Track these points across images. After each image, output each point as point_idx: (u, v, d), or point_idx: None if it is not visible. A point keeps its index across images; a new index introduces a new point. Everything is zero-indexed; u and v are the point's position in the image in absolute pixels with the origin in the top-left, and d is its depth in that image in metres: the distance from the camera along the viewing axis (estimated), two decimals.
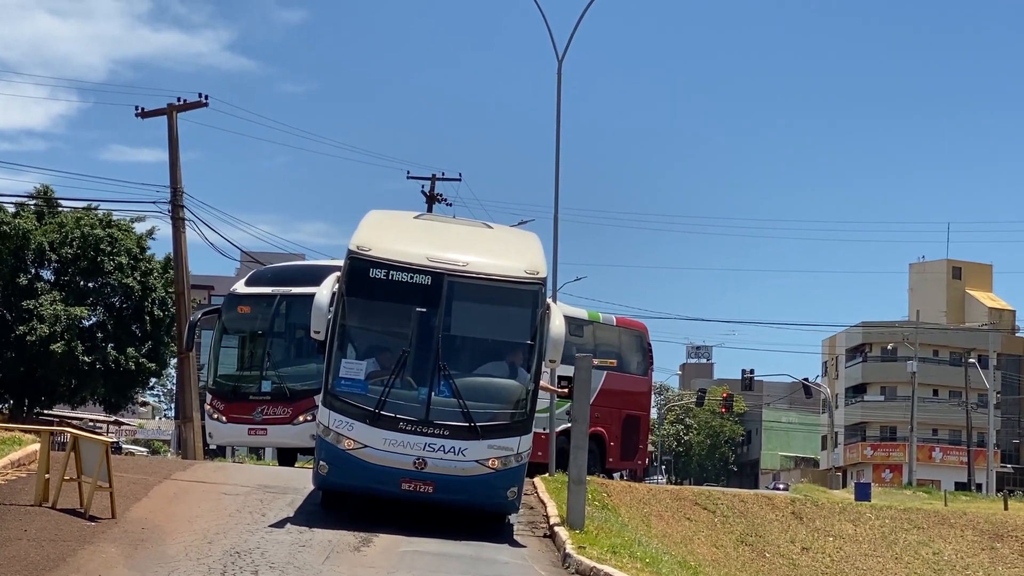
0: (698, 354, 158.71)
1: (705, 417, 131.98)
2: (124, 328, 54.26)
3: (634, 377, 35.65)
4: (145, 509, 19.14)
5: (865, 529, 35.36)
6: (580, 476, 20.74)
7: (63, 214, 54.29)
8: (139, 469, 23.35)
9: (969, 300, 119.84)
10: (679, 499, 33.12)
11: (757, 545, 32.27)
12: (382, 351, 19.48)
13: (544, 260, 20.69)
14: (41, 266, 54.15)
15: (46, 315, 50.91)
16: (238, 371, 29.88)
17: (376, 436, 18.85)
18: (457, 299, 19.40)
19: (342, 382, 19.12)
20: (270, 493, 21.53)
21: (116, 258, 53.18)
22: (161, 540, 16.95)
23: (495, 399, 19.39)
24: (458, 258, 19.59)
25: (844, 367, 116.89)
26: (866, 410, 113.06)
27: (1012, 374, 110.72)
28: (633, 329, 36.77)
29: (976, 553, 35.85)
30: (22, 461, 21.33)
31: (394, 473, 18.88)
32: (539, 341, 19.36)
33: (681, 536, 29.98)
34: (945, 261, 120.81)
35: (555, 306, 20.15)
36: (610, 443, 34.02)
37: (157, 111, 42.95)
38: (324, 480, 19.46)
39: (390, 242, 19.75)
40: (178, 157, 42.35)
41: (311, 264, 32.91)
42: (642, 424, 36.92)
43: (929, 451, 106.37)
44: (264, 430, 28.48)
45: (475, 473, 19.00)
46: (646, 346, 36.69)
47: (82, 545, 16.14)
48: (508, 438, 19.16)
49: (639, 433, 36.42)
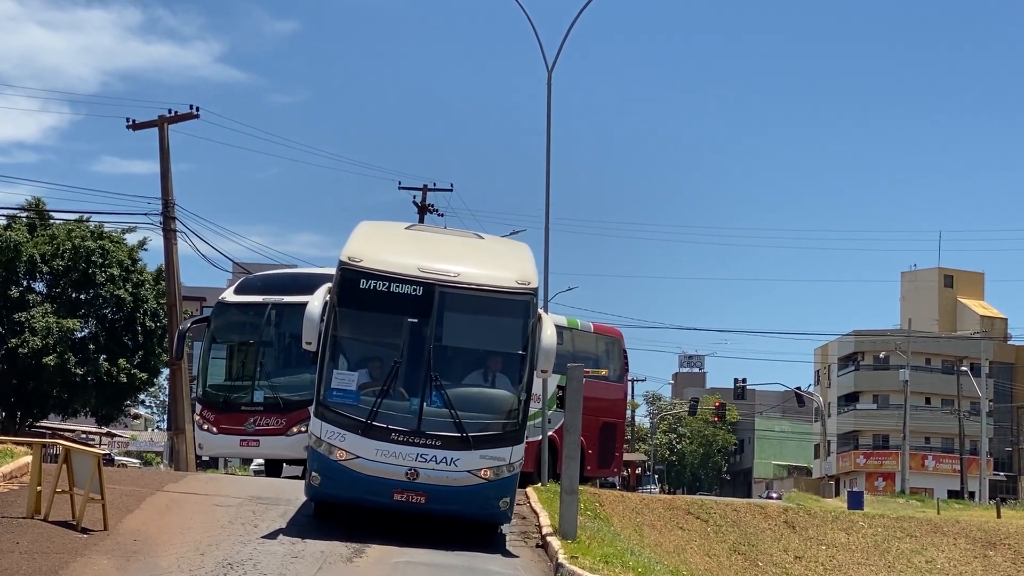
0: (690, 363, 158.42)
1: (698, 426, 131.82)
2: (116, 340, 54.19)
3: (611, 384, 35.48)
4: (137, 521, 19.13)
5: (858, 538, 35.40)
6: (572, 486, 20.75)
7: (55, 226, 54.27)
8: (131, 481, 23.34)
9: (961, 308, 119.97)
10: (672, 508, 33.16)
11: (750, 554, 32.30)
12: (374, 362, 19.51)
13: (535, 270, 20.73)
14: (33, 278, 54.12)
15: (38, 327, 50.89)
16: (229, 381, 29.65)
17: (368, 447, 18.87)
18: (449, 310, 19.43)
19: (334, 393, 19.15)
20: (262, 504, 21.52)
21: (108, 270, 53.15)
22: (153, 552, 16.94)
23: (487, 409, 19.43)
24: (449, 269, 19.62)
25: (836, 376, 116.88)
26: (859, 418, 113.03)
27: (1004, 382, 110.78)
28: (610, 336, 36.77)
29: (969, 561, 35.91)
30: (14, 473, 21.31)
31: (386, 484, 18.90)
32: (531, 351, 19.40)
33: (674, 545, 30.00)
34: (937, 269, 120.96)
35: (546, 316, 20.19)
36: (588, 451, 33.81)
37: (148, 123, 42.95)
38: (316, 491, 19.46)
39: (382, 253, 19.78)
40: (169, 169, 42.35)
41: (301, 272, 32.70)
42: (618, 431, 36.87)
43: (922, 459, 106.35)
44: (257, 441, 28.30)
45: (467, 483, 19.02)
46: (622, 352, 36.68)
47: (74, 557, 16.12)
48: (500, 448, 19.19)
49: (615, 440, 36.36)
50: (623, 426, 39.09)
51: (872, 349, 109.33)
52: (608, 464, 36.29)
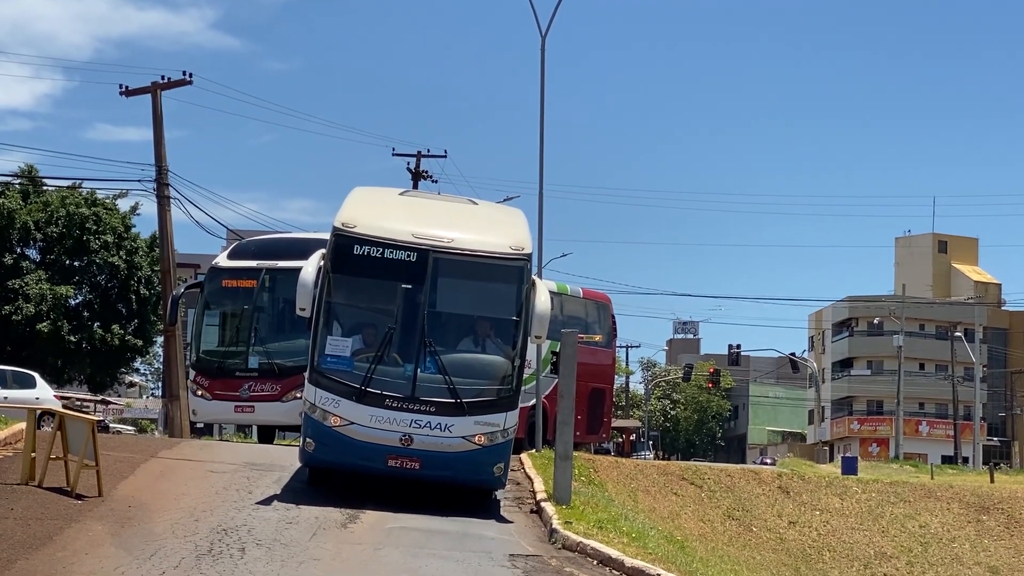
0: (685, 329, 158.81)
1: (692, 392, 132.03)
2: (110, 307, 54.20)
3: (599, 350, 35.39)
4: (132, 487, 19.13)
5: (852, 503, 35.44)
6: (567, 452, 20.77)
7: (48, 193, 54.16)
8: (125, 447, 23.34)
9: (955, 274, 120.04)
10: (666, 474, 33.17)
11: (744, 519, 32.34)
12: (368, 328, 19.50)
13: (530, 236, 20.72)
14: (27, 245, 54.08)
15: (32, 294, 50.87)
16: (223, 347, 29.50)
17: (362, 413, 18.88)
18: (442, 275, 19.42)
19: (328, 359, 19.15)
20: (257, 471, 21.53)
21: (102, 237, 53.11)
22: (148, 518, 16.94)
23: (481, 375, 19.43)
24: (443, 234, 19.59)
25: (830, 341, 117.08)
26: (853, 384, 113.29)
27: (998, 347, 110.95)
28: (598, 301, 36.72)
29: (962, 526, 35.96)
30: (8, 440, 21.33)
31: (380, 450, 18.91)
32: (524, 317, 19.40)
33: (668, 511, 30.03)
34: (931, 235, 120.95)
35: (540, 282, 20.16)
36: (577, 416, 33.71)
37: (141, 89, 42.85)
38: (311, 457, 19.48)
39: (375, 219, 19.74)
40: (163, 135, 42.28)
41: (296, 237, 32.51)
42: (607, 397, 36.86)
43: (916, 425, 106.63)
44: (252, 407, 28.23)
45: (461, 449, 19.04)
46: (611, 317, 36.64)
47: (68, 523, 16.12)
48: (494, 414, 19.20)
49: (604, 406, 36.37)
50: (611, 392, 39.09)
51: (866, 315, 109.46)
52: (596, 430, 36.30)
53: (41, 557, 14.22)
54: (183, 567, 14.13)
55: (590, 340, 32.85)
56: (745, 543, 30.97)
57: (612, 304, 37.24)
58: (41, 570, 13.63)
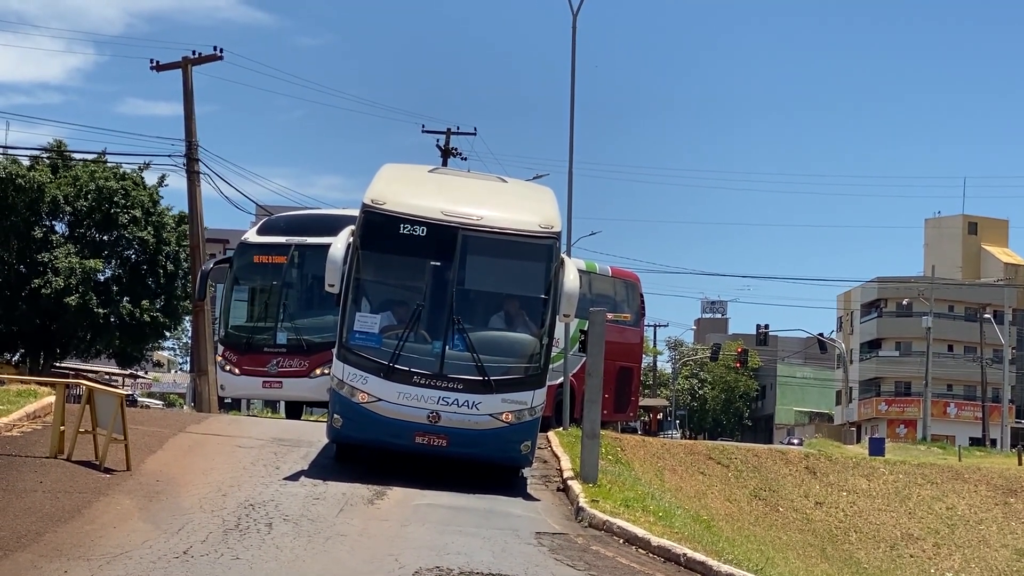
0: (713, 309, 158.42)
1: (720, 372, 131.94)
2: (139, 281, 54.24)
3: (627, 328, 35.34)
4: (160, 462, 19.19)
5: (879, 484, 35.39)
6: (594, 430, 20.75)
7: (77, 167, 54.23)
8: (154, 422, 23.39)
9: (985, 255, 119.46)
10: (693, 453, 33.15)
11: (771, 499, 32.32)
12: (396, 304, 19.51)
13: (559, 214, 20.69)
14: (56, 219, 54.14)
15: (61, 268, 50.96)
16: (251, 322, 29.55)
17: (390, 390, 18.89)
18: (471, 253, 19.39)
19: (356, 335, 19.17)
20: (284, 446, 21.57)
21: (130, 211, 53.13)
22: (176, 492, 17.00)
23: (509, 353, 19.41)
24: (472, 212, 19.55)
25: (859, 322, 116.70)
26: (881, 365, 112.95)
27: None
28: (627, 280, 36.67)
29: (990, 508, 35.88)
30: (37, 413, 21.39)
31: (408, 426, 18.93)
32: (553, 295, 19.36)
33: (695, 490, 30.02)
34: (961, 216, 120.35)
35: (569, 260, 20.10)
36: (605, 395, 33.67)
37: (172, 64, 42.83)
38: (338, 433, 19.51)
39: (405, 196, 19.72)
40: (193, 110, 42.27)
41: (324, 213, 32.42)
42: (635, 375, 36.84)
43: (944, 406, 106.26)
44: (280, 383, 28.28)
45: (489, 427, 19.05)
46: (639, 296, 36.58)
47: (97, 497, 16.18)
48: (522, 392, 19.19)
49: (631, 384, 36.35)
50: (639, 370, 39.06)
51: (895, 296, 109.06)
52: (624, 408, 36.29)
53: (69, 530, 14.28)
54: (210, 541, 14.17)
55: (618, 319, 32.81)
56: (772, 523, 30.95)
57: (640, 283, 37.19)
58: (69, 542, 13.68)
